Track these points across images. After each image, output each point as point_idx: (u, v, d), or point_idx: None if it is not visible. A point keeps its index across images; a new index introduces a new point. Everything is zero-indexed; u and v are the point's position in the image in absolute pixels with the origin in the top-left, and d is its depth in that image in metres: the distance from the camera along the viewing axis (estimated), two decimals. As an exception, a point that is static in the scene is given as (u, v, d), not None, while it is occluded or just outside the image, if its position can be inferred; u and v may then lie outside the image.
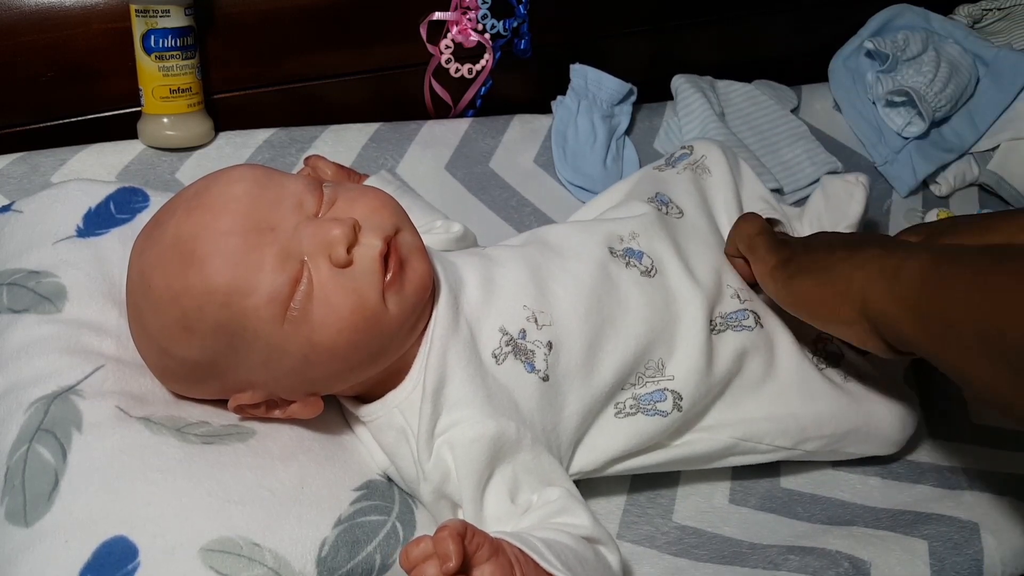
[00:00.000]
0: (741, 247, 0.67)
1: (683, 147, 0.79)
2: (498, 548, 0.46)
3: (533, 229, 0.71)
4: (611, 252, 0.65)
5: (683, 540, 0.62)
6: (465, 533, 0.45)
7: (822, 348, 0.70)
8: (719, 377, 0.64)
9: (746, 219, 0.68)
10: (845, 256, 0.57)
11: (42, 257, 0.62)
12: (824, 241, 0.62)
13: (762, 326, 0.67)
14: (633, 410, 0.62)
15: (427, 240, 0.67)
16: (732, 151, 0.80)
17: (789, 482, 0.68)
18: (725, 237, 0.72)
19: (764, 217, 0.69)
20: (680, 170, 0.76)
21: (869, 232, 0.67)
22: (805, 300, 0.60)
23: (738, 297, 0.67)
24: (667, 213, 0.71)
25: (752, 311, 0.67)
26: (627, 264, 0.65)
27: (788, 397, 0.66)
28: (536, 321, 0.59)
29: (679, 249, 0.67)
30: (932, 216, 0.99)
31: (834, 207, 0.78)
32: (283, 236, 0.52)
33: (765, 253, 0.64)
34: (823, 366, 0.69)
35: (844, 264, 0.56)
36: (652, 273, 0.65)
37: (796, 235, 0.77)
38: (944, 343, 0.47)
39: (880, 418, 0.67)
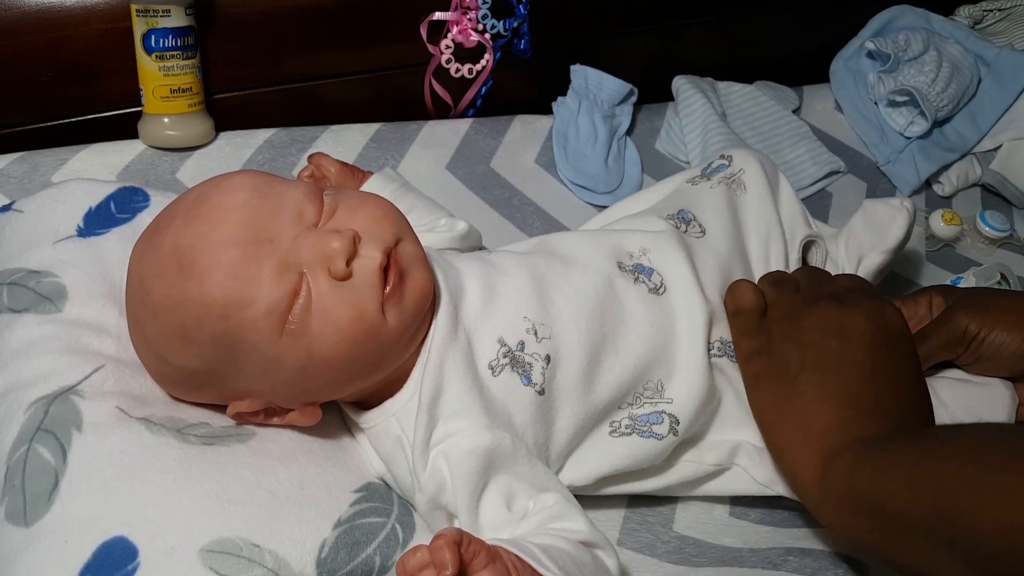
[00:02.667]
0: (727, 315, 0.65)
1: (722, 156, 0.75)
2: (495, 555, 0.46)
3: (542, 235, 0.69)
4: (620, 267, 0.63)
5: (683, 549, 0.61)
6: (461, 541, 0.45)
7: None
8: (716, 404, 0.63)
9: (730, 292, 0.65)
10: (809, 397, 0.57)
11: (42, 257, 0.62)
12: (803, 341, 0.59)
13: None
14: (628, 430, 0.60)
15: (431, 239, 0.67)
16: (772, 164, 0.75)
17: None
18: (753, 259, 0.70)
19: (755, 290, 0.64)
20: (714, 184, 0.72)
21: (856, 323, 0.60)
22: (757, 412, 0.61)
23: None
24: (687, 232, 0.68)
25: None
26: (635, 280, 0.63)
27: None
28: (536, 333, 0.58)
29: (694, 269, 0.64)
30: (936, 218, 0.98)
31: (874, 229, 0.74)
32: (282, 248, 0.52)
33: (738, 336, 0.64)
34: None
35: (793, 419, 0.57)
36: (660, 291, 0.63)
37: (831, 258, 0.74)
38: (881, 536, 0.48)
39: None
